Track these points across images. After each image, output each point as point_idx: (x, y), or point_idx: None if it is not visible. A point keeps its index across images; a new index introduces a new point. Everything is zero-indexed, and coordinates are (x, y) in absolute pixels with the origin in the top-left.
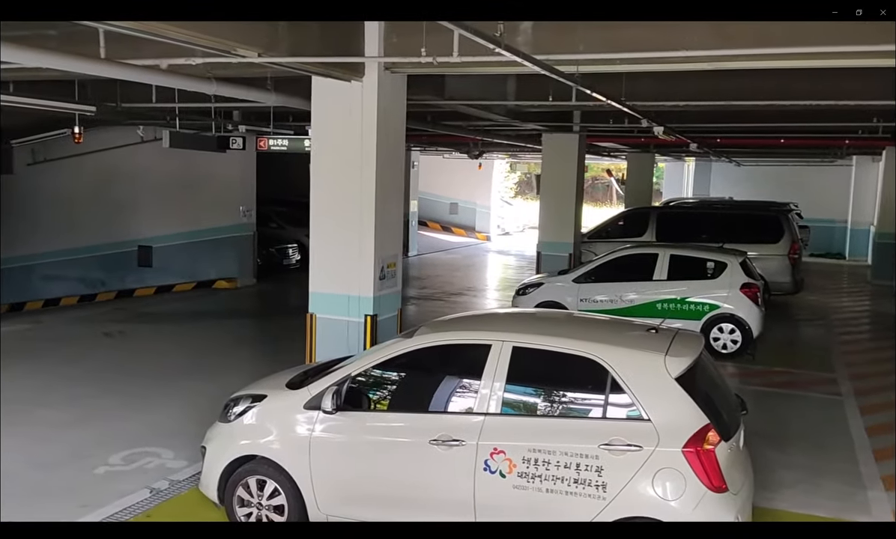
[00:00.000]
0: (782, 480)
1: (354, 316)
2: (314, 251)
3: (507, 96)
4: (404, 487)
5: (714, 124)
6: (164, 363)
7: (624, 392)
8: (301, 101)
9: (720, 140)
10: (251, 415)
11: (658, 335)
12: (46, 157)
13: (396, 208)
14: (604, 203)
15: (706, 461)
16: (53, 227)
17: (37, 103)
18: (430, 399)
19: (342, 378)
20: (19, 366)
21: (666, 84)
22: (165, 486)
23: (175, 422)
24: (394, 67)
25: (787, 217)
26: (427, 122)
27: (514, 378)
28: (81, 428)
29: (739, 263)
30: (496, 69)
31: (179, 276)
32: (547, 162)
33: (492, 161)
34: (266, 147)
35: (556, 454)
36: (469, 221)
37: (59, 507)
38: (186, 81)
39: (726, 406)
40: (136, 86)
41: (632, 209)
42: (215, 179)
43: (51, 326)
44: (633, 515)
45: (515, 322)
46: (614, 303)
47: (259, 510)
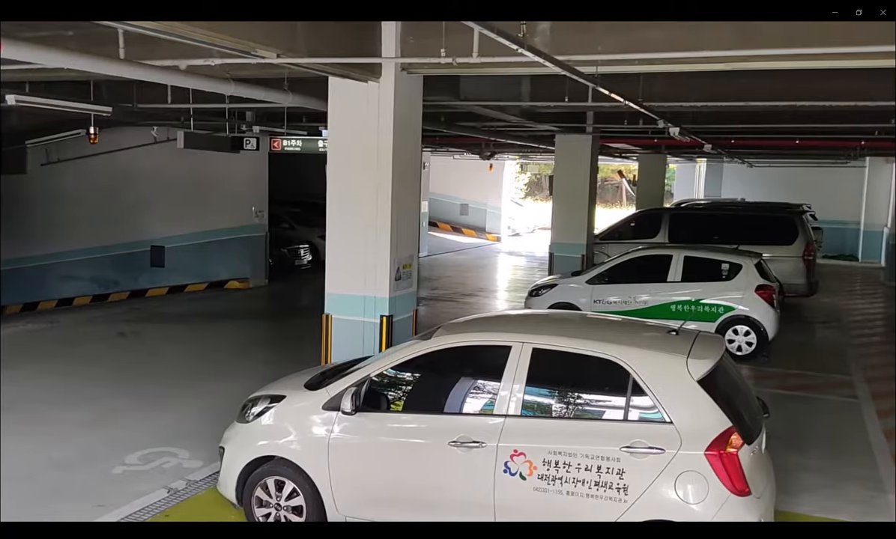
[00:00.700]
0: (802, 484)
1: (370, 316)
2: (330, 252)
3: (521, 97)
4: (423, 489)
5: (729, 125)
6: (178, 363)
7: (646, 394)
8: (317, 102)
9: (734, 141)
10: (269, 415)
11: (679, 337)
12: (60, 158)
13: (412, 209)
14: (613, 204)
15: (729, 464)
16: (67, 226)
17: (54, 104)
18: (449, 400)
19: (361, 379)
20: (35, 366)
21: (681, 85)
22: (183, 486)
23: (191, 422)
24: (410, 68)
25: (801, 218)
26: (441, 122)
27: (534, 380)
28: (98, 428)
29: (755, 265)
30: (514, 70)
31: (192, 276)
32: (560, 163)
33: (502, 162)
34: (280, 148)
35: (577, 456)
36: (479, 222)
37: (78, 507)
38: (205, 82)
39: (748, 409)
40: (150, 87)
41: (644, 210)
42: (228, 180)
43: (66, 326)
44: (654, 518)
45: (535, 323)
46: (628, 304)
47: (277, 511)
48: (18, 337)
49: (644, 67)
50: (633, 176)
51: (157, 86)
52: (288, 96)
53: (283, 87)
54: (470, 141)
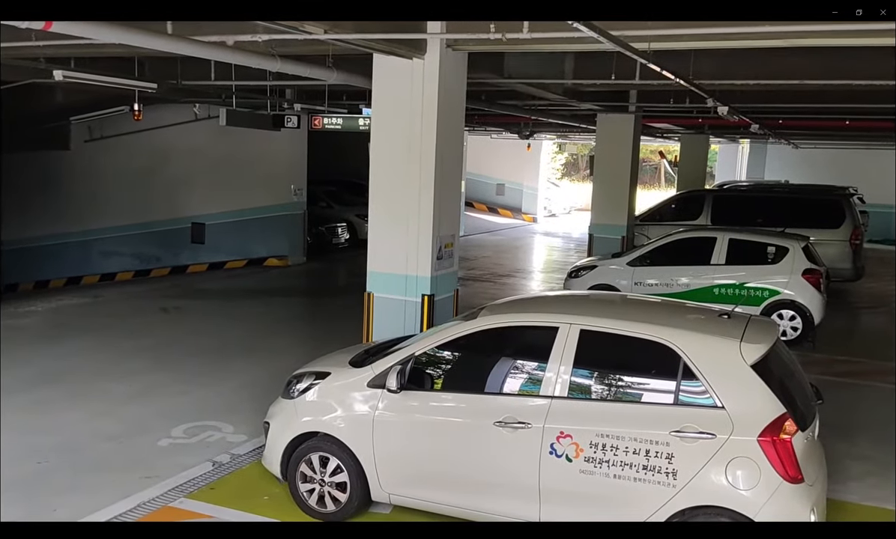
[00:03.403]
0: (850, 472)
1: (412, 295)
2: (372, 230)
3: (565, 75)
4: (468, 468)
5: (777, 105)
6: (220, 339)
7: (697, 378)
8: (361, 80)
9: (782, 121)
10: (314, 392)
11: (731, 321)
12: (103, 135)
13: (455, 188)
14: (652, 186)
15: (782, 451)
16: (109, 203)
17: (101, 80)
18: (494, 381)
19: (406, 357)
20: (82, 339)
21: (731, 62)
22: (227, 460)
23: (233, 397)
24: (456, 45)
25: (848, 201)
26: (482, 101)
27: (581, 361)
28: (144, 401)
29: (802, 248)
30: (563, 46)
31: (231, 253)
32: (601, 143)
33: (540, 142)
34: (321, 126)
35: (625, 440)
36: (516, 202)
37: (125, 477)
38: (251, 58)
39: (802, 395)
40: (193, 64)
41: (686, 192)
42: (267, 158)
43: (109, 301)
44: (703, 504)
45: (582, 305)
46: (669, 287)
47: (321, 487)
48: (65, 310)
49: (696, 44)
50: (673, 157)
51: (200, 63)
52: (332, 73)
53: (328, 64)
54: (509, 120)
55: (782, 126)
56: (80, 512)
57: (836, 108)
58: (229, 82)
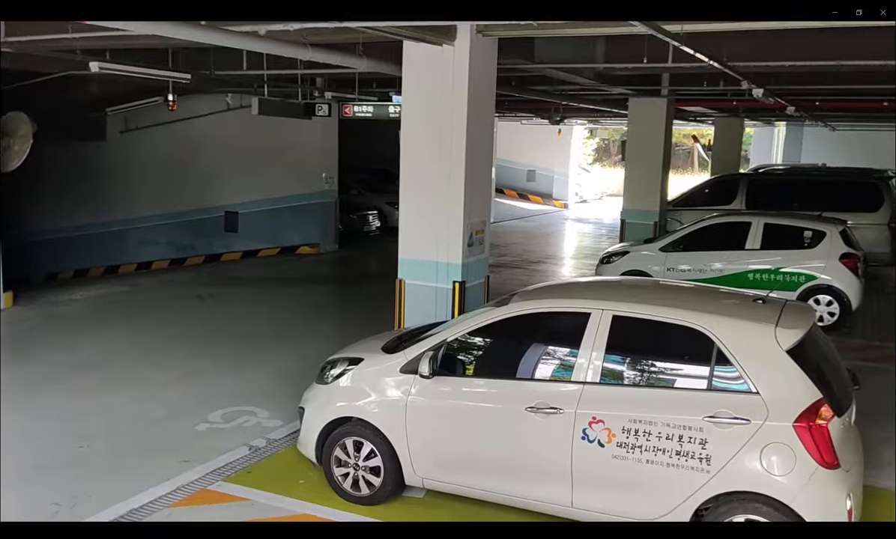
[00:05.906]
0: (884, 459)
1: (443, 282)
2: (403, 217)
3: (596, 59)
4: (500, 453)
5: (814, 86)
6: (255, 325)
7: (731, 364)
8: (391, 67)
9: (819, 103)
10: (348, 377)
11: (766, 306)
12: (138, 126)
13: (485, 174)
14: (685, 170)
15: (818, 436)
16: (145, 192)
17: (136, 71)
18: (526, 366)
19: (439, 343)
20: (122, 327)
21: (767, 44)
22: (263, 444)
23: (268, 383)
24: (486, 30)
25: (887, 184)
26: (511, 86)
27: (613, 347)
28: (183, 386)
29: (839, 232)
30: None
31: (264, 241)
32: (633, 127)
33: (570, 127)
34: (351, 114)
35: (658, 425)
36: (546, 189)
37: (165, 460)
38: (283, 47)
39: (838, 380)
40: (225, 54)
41: (720, 176)
42: (298, 147)
43: (146, 289)
44: (737, 489)
45: (614, 290)
46: (703, 272)
47: (356, 471)
48: (104, 299)
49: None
50: (707, 141)
51: (232, 53)
52: (362, 61)
53: (358, 51)
54: (539, 106)
55: (819, 108)
56: (121, 494)
57: (874, 89)
58: (261, 71)
